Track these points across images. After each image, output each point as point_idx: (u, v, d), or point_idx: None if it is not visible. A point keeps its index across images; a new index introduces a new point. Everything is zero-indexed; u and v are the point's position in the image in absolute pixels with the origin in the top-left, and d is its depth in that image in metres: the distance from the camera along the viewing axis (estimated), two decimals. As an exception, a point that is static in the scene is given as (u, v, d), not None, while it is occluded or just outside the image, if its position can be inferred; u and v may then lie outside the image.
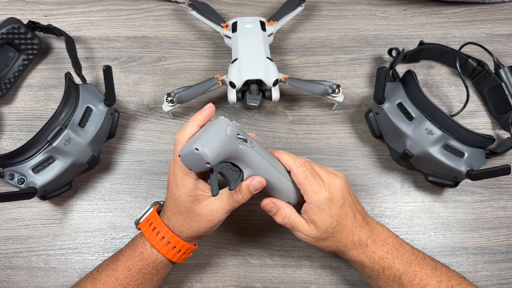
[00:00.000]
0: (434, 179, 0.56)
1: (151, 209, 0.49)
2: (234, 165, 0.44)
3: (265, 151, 0.47)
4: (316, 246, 0.47)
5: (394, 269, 0.45)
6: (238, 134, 0.43)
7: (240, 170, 0.44)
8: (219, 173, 0.43)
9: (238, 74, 0.57)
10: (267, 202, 0.47)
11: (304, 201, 0.46)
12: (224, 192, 0.45)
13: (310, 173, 0.45)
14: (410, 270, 0.45)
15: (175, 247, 0.46)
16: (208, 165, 0.40)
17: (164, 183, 0.59)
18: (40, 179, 0.51)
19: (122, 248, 0.48)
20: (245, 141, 0.44)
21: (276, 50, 0.68)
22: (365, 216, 0.48)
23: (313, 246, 0.48)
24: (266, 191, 0.48)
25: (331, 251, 0.48)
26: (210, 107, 0.44)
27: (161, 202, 0.50)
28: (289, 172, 0.47)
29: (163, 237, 0.45)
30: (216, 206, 0.45)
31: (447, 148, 0.53)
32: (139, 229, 0.48)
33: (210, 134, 0.41)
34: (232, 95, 0.58)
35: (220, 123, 0.43)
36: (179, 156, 0.42)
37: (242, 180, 0.45)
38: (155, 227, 0.46)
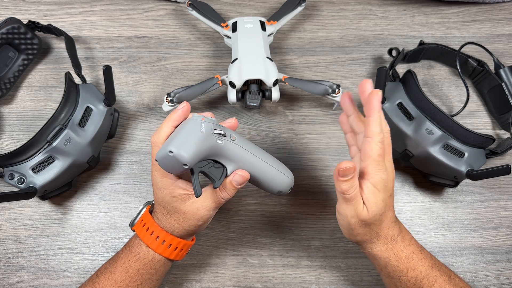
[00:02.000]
0: (434, 179, 0.56)
1: (144, 210, 0.48)
2: (216, 161, 0.42)
3: (248, 142, 0.45)
4: (352, 231, 0.44)
5: (417, 272, 0.44)
6: (214, 129, 0.41)
7: (223, 166, 0.43)
8: (201, 172, 0.42)
9: (238, 74, 0.57)
10: (351, 165, 0.40)
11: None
12: (208, 189, 0.44)
13: (383, 152, 0.42)
14: (432, 274, 0.44)
15: (170, 245, 0.46)
16: (186, 167, 0.39)
17: (164, 183, 0.59)
18: (40, 179, 0.51)
19: (119, 251, 0.48)
20: (224, 135, 0.41)
21: (276, 50, 0.68)
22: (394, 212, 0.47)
23: (347, 231, 0.45)
24: (253, 183, 0.47)
25: (359, 241, 0.45)
26: (184, 106, 0.43)
27: (153, 202, 0.50)
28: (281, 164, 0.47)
29: (158, 236, 0.45)
30: (202, 204, 0.44)
31: (447, 148, 0.53)
32: (134, 230, 0.48)
33: (184, 134, 0.40)
34: (232, 95, 0.58)
35: (193, 121, 0.41)
36: (155, 160, 0.41)
37: (226, 176, 0.43)
38: (148, 227, 0.46)
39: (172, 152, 0.38)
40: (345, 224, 0.44)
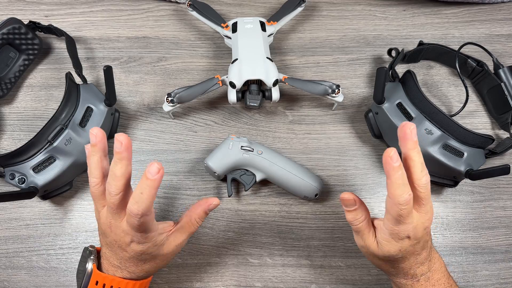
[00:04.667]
0: (434, 179, 0.56)
1: (90, 267, 0.43)
2: (248, 170, 0.56)
3: (275, 155, 0.56)
4: (368, 258, 0.46)
5: None
6: (242, 146, 0.55)
7: (254, 175, 0.56)
8: (233, 180, 0.56)
9: (238, 74, 0.57)
10: (349, 197, 0.42)
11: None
12: (184, 225, 0.45)
13: (407, 212, 0.39)
14: None
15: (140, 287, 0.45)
16: (216, 174, 0.55)
17: (164, 183, 0.59)
18: (41, 179, 0.51)
19: None
20: (251, 150, 0.55)
21: (276, 50, 0.68)
22: (431, 251, 0.44)
23: (365, 255, 0.46)
24: (282, 188, 0.58)
25: (380, 269, 0.46)
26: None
27: (92, 250, 0.45)
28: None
29: None
30: (181, 238, 0.45)
31: (447, 148, 0.53)
32: None
33: (216, 150, 0.56)
34: (232, 95, 0.58)
35: (225, 141, 0.56)
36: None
37: (255, 182, 0.56)
38: (111, 286, 0.43)
39: (205, 163, 0.56)
40: (360, 249, 0.45)
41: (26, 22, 0.63)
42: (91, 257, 0.44)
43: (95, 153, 0.41)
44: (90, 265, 0.43)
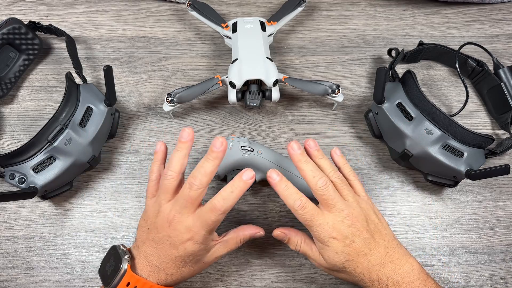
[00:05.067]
0: (434, 179, 0.56)
1: (124, 268, 0.42)
2: None
3: (275, 155, 0.55)
4: (332, 275, 0.47)
5: None
6: (242, 146, 0.54)
7: None
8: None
9: (238, 74, 0.57)
10: (277, 233, 0.48)
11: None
12: (231, 241, 0.47)
13: (309, 216, 0.43)
14: None
15: None
16: (216, 173, 0.49)
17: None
18: (41, 179, 0.51)
19: None
20: (251, 150, 0.54)
21: (276, 50, 0.68)
22: (391, 251, 0.44)
23: (330, 274, 0.48)
24: None
25: (348, 282, 0.47)
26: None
27: (124, 249, 0.44)
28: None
29: None
30: (223, 251, 0.46)
31: (447, 148, 0.53)
32: None
33: None
34: (232, 95, 0.58)
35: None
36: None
37: (255, 182, 0.53)
38: None
39: None
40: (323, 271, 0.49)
41: (26, 22, 0.63)
42: (126, 257, 0.43)
43: (182, 149, 0.43)
44: (125, 265, 0.42)
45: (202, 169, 0.41)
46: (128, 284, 0.41)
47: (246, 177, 0.41)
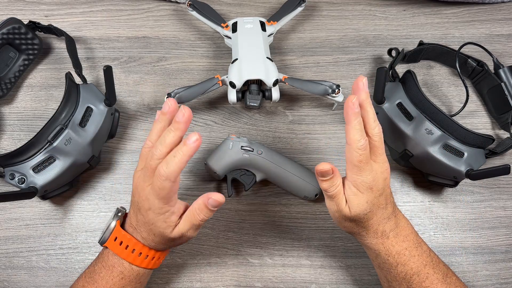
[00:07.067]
0: (434, 179, 0.56)
1: (113, 224, 0.46)
2: (248, 170, 0.55)
3: (275, 155, 0.56)
4: (339, 223, 0.47)
5: (408, 268, 0.45)
6: (242, 146, 0.54)
7: (254, 175, 0.56)
8: (234, 179, 0.56)
9: (238, 74, 0.57)
10: (327, 168, 0.44)
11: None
12: (188, 214, 0.45)
13: (365, 158, 0.43)
14: (423, 271, 0.45)
15: (154, 257, 0.46)
16: (216, 173, 0.55)
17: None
18: (41, 179, 0.51)
19: (95, 267, 0.46)
20: (251, 150, 0.54)
21: (276, 50, 0.68)
22: (395, 208, 0.47)
23: (335, 221, 0.48)
24: (282, 188, 0.58)
25: (350, 232, 0.48)
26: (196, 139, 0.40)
27: (121, 210, 0.48)
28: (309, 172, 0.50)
29: (140, 252, 0.45)
30: (185, 227, 0.44)
31: (447, 148, 0.53)
32: (106, 247, 0.46)
33: (216, 150, 0.55)
34: (232, 95, 0.58)
35: (225, 141, 0.55)
36: (205, 164, 0.56)
37: (255, 182, 0.56)
38: (127, 245, 0.45)
39: (206, 163, 0.56)
40: (332, 216, 0.47)
41: (26, 22, 0.63)
42: (118, 214, 0.47)
43: (162, 121, 0.43)
44: (114, 222, 0.46)
45: (163, 139, 0.41)
46: (115, 239, 0.45)
47: (189, 140, 0.39)
